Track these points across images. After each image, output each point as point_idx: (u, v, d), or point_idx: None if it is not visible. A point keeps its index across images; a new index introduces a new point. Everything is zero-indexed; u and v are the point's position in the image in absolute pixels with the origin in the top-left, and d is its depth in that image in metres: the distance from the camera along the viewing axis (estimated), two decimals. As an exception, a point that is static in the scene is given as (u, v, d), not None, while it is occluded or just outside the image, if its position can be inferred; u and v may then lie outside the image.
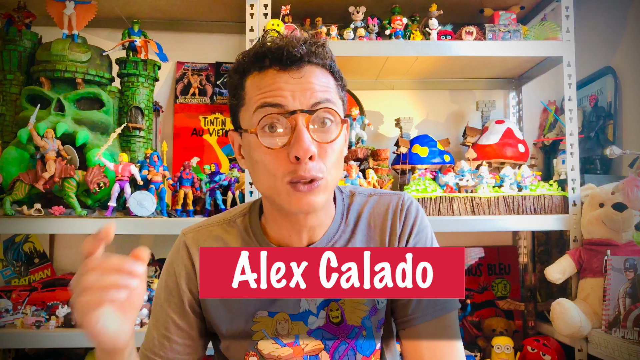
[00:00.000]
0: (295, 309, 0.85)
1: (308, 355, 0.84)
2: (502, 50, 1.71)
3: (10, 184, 1.48)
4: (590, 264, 1.58)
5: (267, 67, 0.77)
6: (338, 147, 0.78)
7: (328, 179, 0.77)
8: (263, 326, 0.84)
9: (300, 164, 0.73)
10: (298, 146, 0.73)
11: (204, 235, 0.89)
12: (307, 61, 0.77)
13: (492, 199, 1.66)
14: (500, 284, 1.96)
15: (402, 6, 1.80)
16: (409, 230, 0.87)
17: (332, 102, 0.77)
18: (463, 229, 1.62)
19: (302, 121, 0.74)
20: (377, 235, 0.88)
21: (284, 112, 0.74)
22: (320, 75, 0.78)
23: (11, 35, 1.68)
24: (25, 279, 1.83)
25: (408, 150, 1.82)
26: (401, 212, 0.88)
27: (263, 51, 0.77)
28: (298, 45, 0.76)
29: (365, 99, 2.06)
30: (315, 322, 0.85)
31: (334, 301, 0.85)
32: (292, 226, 0.84)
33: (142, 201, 1.52)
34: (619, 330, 1.40)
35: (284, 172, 0.75)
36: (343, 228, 0.88)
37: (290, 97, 0.74)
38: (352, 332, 0.85)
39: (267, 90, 0.75)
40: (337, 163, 0.78)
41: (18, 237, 1.86)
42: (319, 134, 0.76)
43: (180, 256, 0.89)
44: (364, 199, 0.91)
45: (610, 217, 1.54)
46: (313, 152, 0.73)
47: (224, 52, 2.04)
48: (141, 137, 1.74)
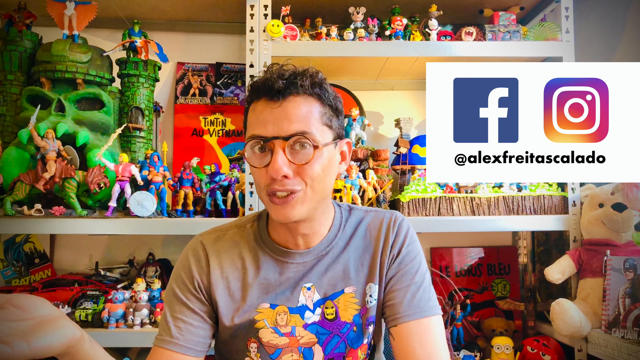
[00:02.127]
0: (294, 302, 0.95)
1: (302, 346, 0.95)
2: (501, 50, 1.71)
3: (10, 184, 1.48)
4: (589, 264, 1.58)
5: (259, 98, 0.89)
6: (318, 166, 0.87)
7: (308, 193, 0.88)
8: (265, 316, 0.94)
9: (275, 181, 0.86)
10: (272, 167, 0.85)
11: (220, 238, 1.00)
12: (290, 93, 0.87)
13: (492, 199, 1.66)
14: (500, 284, 1.96)
15: (402, 7, 1.80)
16: (401, 242, 0.98)
17: (309, 130, 0.86)
18: (463, 229, 1.62)
19: (279, 144, 0.86)
20: (372, 245, 0.99)
21: (264, 138, 0.87)
22: (302, 105, 0.88)
23: (12, 36, 1.68)
24: (25, 279, 1.83)
25: (408, 150, 1.82)
26: (394, 226, 0.99)
27: (256, 86, 0.90)
28: (278, 79, 0.87)
29: (365, 99, 2.06)
30: (311, 317, 0.95)
31: (329, 299, 0.96)
32: (288, 231, 0.95)
33: (143, 201, 1.52)
34: (618, 331, 1.40)
35: (265, 185, 0.88)
36: (340, 236, 0.99)
37: (270, 127, 0.86)
38: (345, 327, 0.96)
39: (254, 122, 0.89)
40: (320, 179, 0.88)
41: (18, 237, 1.86)
42: (297, 156, 0.86)
43: (197, 252, 0.98)
44: (361, 214, 1.03)
45: (610, 217, 1.54)
46: (286, 172, 0.85)
47: (224, 52, 2.05)
48: (141, 138, 1.74)
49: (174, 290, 0.96)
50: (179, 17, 1.98)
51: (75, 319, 1.49)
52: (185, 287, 0.95)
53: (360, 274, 0.97)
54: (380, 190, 1.70)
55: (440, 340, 0.92)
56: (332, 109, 0.92)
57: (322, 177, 0.89)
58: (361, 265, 0.97)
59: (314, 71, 0.91)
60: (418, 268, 0.97)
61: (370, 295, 0.96)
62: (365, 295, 0.96)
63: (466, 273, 1.97)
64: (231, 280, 0.96)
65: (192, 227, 1.54)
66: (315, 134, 0.87)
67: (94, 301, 1.54)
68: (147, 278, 1.71)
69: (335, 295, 0.96)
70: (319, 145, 0.87)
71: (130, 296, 1.53)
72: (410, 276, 0.96)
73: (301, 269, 0.96)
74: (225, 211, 1.64)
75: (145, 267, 1.79)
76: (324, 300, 0.96)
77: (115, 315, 1.49)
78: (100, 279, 1.71)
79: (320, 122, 0.89)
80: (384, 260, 0.97)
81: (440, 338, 0.93)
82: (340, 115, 0.95)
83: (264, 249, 0.98)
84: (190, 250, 0.99)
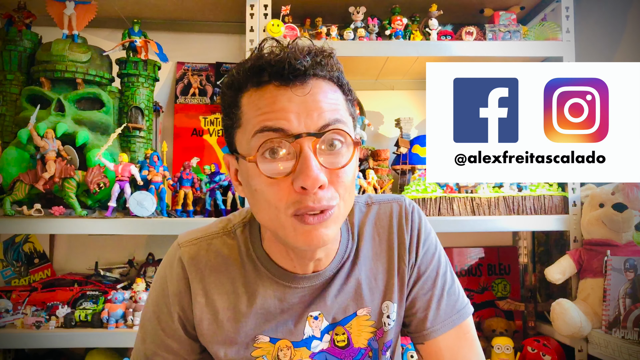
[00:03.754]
0: (299, 336, 0.79)
1: None
2: (502, 50, 1.71)
3: (10, 184, 1.48)
4: (590, 264, 1.58)
5: (266, 82, 0.66)
6: (351, 172, 0.68)
7: (341, 207, 0.68)
8: (264, 352, 0.78)
9: (308, 194, 0.64)
10: (305, 175, 0.63)
11: (203, 250, 0.80)
12: (313, 74, 0.66)
13: (492, 199, 1.66)
14: (500, 284, 1.96)
15: (402, 6, 1.80)
16: (416, 240, 0.82)
17: (343, 121, 0.67)
18: (463, 229, 1.61)
19: (309, 146, 0.64)
20: (384, 250, 0.82)
21: (287, 136, 0.64)
22: (329, 91, 0.68)
23: (11, 36, 1.68)
24: (25, 279, 1.83)
25: (408, 150, 1.82)
26: (406, 220, 0.82)
27: (261, 64, 0.66)
28: (302, 56, 0.65)
29: (365, 99, 2.06)
30: (318, 345, 0.80)
31: (339, 325, 0.80)
32: (296, 257, 0.75)
33: (142, 201, 1.52)
34: (619, 331, 1.40)
35: (287, 203, 0.65)
36: (350, 247, 0.81)
37: (294, 119, 0.64)
38: (359, 354, 0.81)
39: (267, 110, 0.65)
40: (350, 189, 0.69)
41: (18, 237, 1.86)
42: (329, 158, 0.66)
43: (175, 273, 0.80)
44: (363, 210, 0.84)
45: (610, 217, 1.54)
46: (323, 181, 0.64)
47: (224, 52, 2.04)
48: (141, 138, 1.74)
49: (149, 317, 0.80)
50: (179, 17, 1.98)
51: (75, 319, 1.49)
52: (163, 319, 0.79)
53: (374, 292, 0.80)
54: (381, 190, 1.70)
55: (472, 346, 0.82)
56: (352, 100, 0.73)
57: (353, 184, 0.70)
58: (374, 281, 0.81)
59: (331, 49, 0.71)
60: (439, 266, 0.83)
61: (387, 316, 0.81)
62: (381, 316, 0.81)
63: (466, 273, 1.97)
64: (220, 309, 0.77)
65: (191, 227, 1.51)
66: (347, 125, 0.68)
67: (94, 301, 1.54)
68: (147, 278, 1.71)
69: (346, 320, 0.80)
70: (356, 141, 0.68)
71: (130, 296, 1.53)
72: (432, 280, 0.82)
73: (307, 294, 0.78)
74: (225, 211, 1.64)
75: (145, 267, 1.79)
76: (333, 326, 0.80)
77: (115, 315, 1.49)
78: (100, 279, 1.71)
79: (347, 113, 0.70)
80: (402, 272, 0.81)
81: (472, 344, 0.82)
82: (353, 103, 0.74)
83: (258, 269, 0.78)
84: (167, 269, 0.80)
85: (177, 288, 0.78)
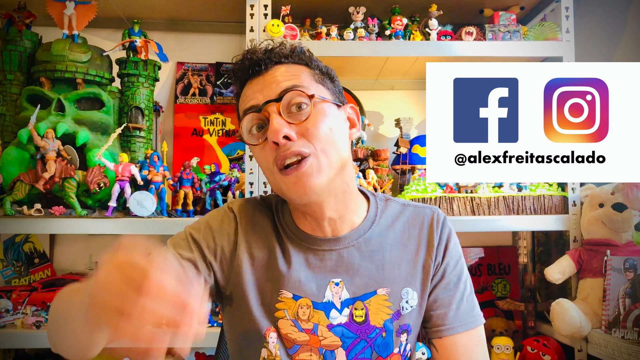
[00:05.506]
0: (319, 297, 0.86)
1: (324, 348, 0.86)
2: (501, 50, 1.71)
3: (10, 184, 1.48)
4: (590, 264, 1.58)
5: (245, 81, 0.86)
6: (323, 126, 0.81)
7: (321, 158, 0.80)
8: (285, 306, 0.86)
9: (281, 147, 0.78)
10: (270, 131, 0.78)
11: (250, 207, 0.93)
12: (274, 62, 0.84)
13: (491, 199, 1.66)
14: (500, 284, 1.96)
15: (402, 6, 1.80)
16: (445, 245, 0.91)
17: (302, 85, 0.81)
18: (463, 229, 1.61)
19: (273, 109, 0.80)
20: (413, 244, 0.90)
21: (256, 107, 0.82)
22: (288, 69, 0.84)
23: (11, 36, 1.68)
24: (25, 279, 1.83)
25: (408, 150, 1.82)
26: (437, 225, 0.92)
27: (236, 70, 0.87)
28: (260, 53, 0.84)
29: (365, 99, 2.06)
30: (337, 317, 0.86)
31: (359, 300, 0.87)
32: (312, 218, 0.87)
33: (142, 201, 1.52)
34: (618, 331, 1.40)
35: (272, 160, 0.80)
36: (375, 228, 0.90)
37: (260, 96, 0.82)
38: (373, 332, 0.87)
39: (244, 99, 0.85)
40: (329, 140, 0.81)
41: (18, 237, 1.86)
42: (295, 115, 0.80)
43: (227, 216, 0.91)
44: (399, 208, 0.95)
45: (610, 217, 1.54)
46: (287, 132, 0.78)
47: (224, 52, 2.04)
48: (141, 137, 1.74)
49: (193, 228, 0.90)
50: (179, 17, 1.98)
51: (75, 319, 1.49)
52: (201, 236, 0.88)
53: (397, 276, 0.88)
54: (381, 190, 1.70)
55: (484, 351, 0.90)
56: (323, 72, 0.87)
57: (330, 138, 0.81)
58: (398, 267, 0.88)
59: (298, 45, 0.88)
60: (461, 274, 0.91)
61: (406, 301, 0.88)
62: (400, 300, 0.88)
63: (466, 273, 1.97)
64: (257, 259, 0.88)
65: (192, 227, 1.53)
66: (308, 88, 0.82)
67: (94, 301, 1.54)
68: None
69: (366, 296, 0.87)
70: (315, 95, 0.81)
71: (130, 296, 1.53)
72: (454, 284, 0.89)
73: (329, 259, 0.87)
74: (225, 211, 1.64)
75: (145, 267, 1.79)
76: (353, 301, 0.87)
77: (115, 315, 1.49)
78: (100, 279, 1.71)
79: (312, 80, 0.84)
80: (428, 266, 0.89)
81: (484, 349, 0.90)
82: (334, 81, 0.88)
83: (287, 233, 0.89)
84: (220, 210, 0.93)
85: (226, 227, 0.89)
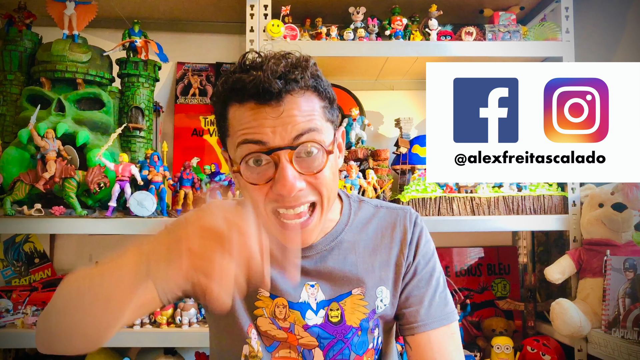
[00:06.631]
0: (295, 297, 0.87)
1: (302, 347, 0.87)
2: (501, 50, 1.71)
3: (10, 184, 1.48)
4: (589, 264, 1.58)
5: (246, 99, 0.75)
6: (329, 171, 0.78)
7: (325, 206, 0.79)
8: (263, 305, 0.87)
9: (285, 198, 0.74)
10: (281, 185, 0.72)
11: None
12: (287, 91, 0.74)
13: (491, 199, 1.66)
14: (500, 284, 1.96)
15: (402, 7, 1.80)
16: (417, 242, 0.92)
17: (317, 129, 0.76)
18: (463, 229, 1.62)
19: (285, 157, 0.73)
20: (384, 244, 0.91)
21: (266, 149, 0.73)
22: (303, 103, 0.75)
23: (12, 36, 1.68)
24: (25, 279, 1.83)
25: (408, 150, 1.82)
26: (409, 224, 0.92)
27: (240, 86, 0.74)
28: (274, 80, 0.72)
29: (365, 99, 2.06)
30: (313, 319, 0.87)
31: (335, 301, 0.88)
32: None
33: (143, 201, 1.52)
34: (618, 330, 1.40)
35: (267, 201, 0.76)
36: (347, 230, 0.91)
37: (270, 133, 0.73)
38: (350, 332, 0.88)
39: (247, 125, 0.74)
40: (332, 185, 0.79)
41: (18, 237, 1.86)
42: (306, 163, 0.75)
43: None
44: (372, 210, 0.95)
45: (610, 217, 1.54)
46: (299, 187, 0.74)
47: (224, 52, 2.05)
48: (141, 138, 1.74)
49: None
50: (179, 17, 1.98)
51: (75, 319, 1.49)
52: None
53: (370, 276, 0.89)
54: (380, 190, 1.70)
55: (458, 347, 0.90)
56: (330, 100, 0.81)
57: (334, 182, 0.80)
58: (371, 267, 0.89)
59: (305, 59, 0.79)
60: (433, 271, 0.92)
61: (381, 300, 0.89)
62: (375, 299, 0.89)
63: (466, 273, 1.97)
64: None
65: (192, 227, 1.53)
66: (323, 136, 0.77)
67: (94, 301, 1.54)
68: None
69: (341, 297, 0.88)
70: (329, 148, 0.77)
71: (130, 296, 1.53)
72: (426, 281, 0.90)
73: (303, 266, 0.87)
74: (225, 211, 1.64)
75: (145, 267, 1.79)
76: (328, 302, 0.88)
77: (115, 315, 1.49)
78: (100, 279, 1.71)
79: (323, 119, 0.79)
80: (400, 264, 0.90)
81: (458, 345, 0.90)
82: (334, 103, 0.84)
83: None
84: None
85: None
